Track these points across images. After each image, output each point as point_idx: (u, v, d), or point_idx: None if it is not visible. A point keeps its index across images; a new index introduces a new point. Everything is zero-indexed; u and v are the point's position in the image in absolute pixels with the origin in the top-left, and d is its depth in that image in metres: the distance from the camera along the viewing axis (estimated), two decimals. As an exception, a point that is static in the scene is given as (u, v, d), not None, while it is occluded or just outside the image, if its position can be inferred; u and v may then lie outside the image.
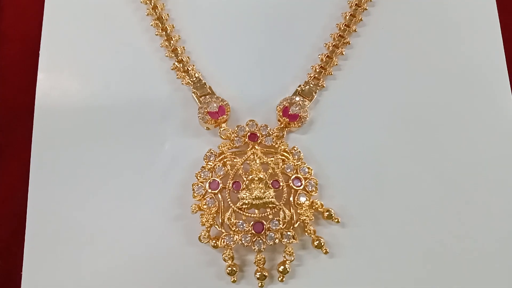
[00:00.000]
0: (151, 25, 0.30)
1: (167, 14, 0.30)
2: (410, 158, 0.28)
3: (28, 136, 0.29)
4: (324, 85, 0.29)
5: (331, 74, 0.29)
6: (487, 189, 0.27)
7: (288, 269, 0.26)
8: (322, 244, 0.26)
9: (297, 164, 0.27)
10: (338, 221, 0.26)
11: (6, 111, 0.31)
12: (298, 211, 0.26)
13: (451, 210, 0.27)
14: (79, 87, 0.30)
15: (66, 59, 0.30)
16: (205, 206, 0.26)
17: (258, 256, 0.25)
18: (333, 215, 0.26)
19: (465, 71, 0.29)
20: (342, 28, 0.30)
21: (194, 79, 0.29)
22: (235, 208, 0.26)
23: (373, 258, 0.27)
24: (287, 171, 0.27)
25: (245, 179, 0.26)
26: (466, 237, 0.27)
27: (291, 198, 0.26)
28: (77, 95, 0.30)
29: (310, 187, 0.26)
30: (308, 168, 0.27)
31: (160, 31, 0.30)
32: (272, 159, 0.27)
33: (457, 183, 0.27)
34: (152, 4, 0.30)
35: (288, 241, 0.25)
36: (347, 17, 0.30)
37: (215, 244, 0.26)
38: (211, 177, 0.27)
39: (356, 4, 0.30)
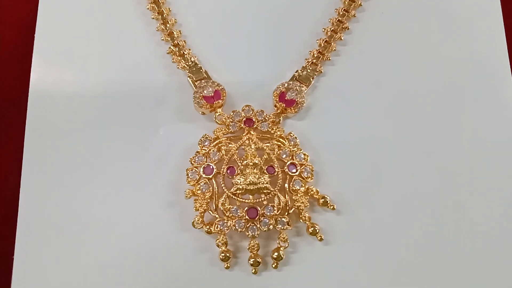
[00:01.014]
0: (147, 8, 0.30)
1: (164, -2, 0.30)
2: (407, 145, 0.27)
3: (22, 122, 0.29)
4: (322, 70, 0.29)
5: (329, 59, 0.29)
6: (485, 178, 0.27)
7: (282, 256, 0.25)
8: (317, 231, 0.26)
9: (292, 150, 0.26)
10: (333, 208, 0.26)
11: (0, 97, 0.31)
12: (293, 197, 0.26)
13: (448, 198, 0.27)
14: (74, 73, 0.29)
15: (61, 44, 0.30)
16: (199, 192, 0.26)
17: (252, 242, 0.25)
18: (328, 202, 0.26)
19: (467, 56, 0.29)
20: (341, 13, 0.29)
21: (190, 63, 0.29)
22: (229, 194, 0.25)
23: (368, 246, 0.26)
24: (283, 157, 0.26)
25: (240, 164, 0.26)
26: (462, 225, 0.26)
27: (286, 184, 0.26)
28: (72, 81, 0.29)
29: (305, 174, 0.26)
30: (304, 154, 0.26)
31: (157, 14, 0.30)
32: (267, 144, 0.26)
33: (454, 171, 0.27)
34: (149, -13, 0.30)
35: (282, 228, 0.25)
36: (346, 2, 0.29)
37: (208, 230, 0.25)
38: (206, 162, 0.26)
39: (355, -12, 0.30)
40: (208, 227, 0.25)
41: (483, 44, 0.29)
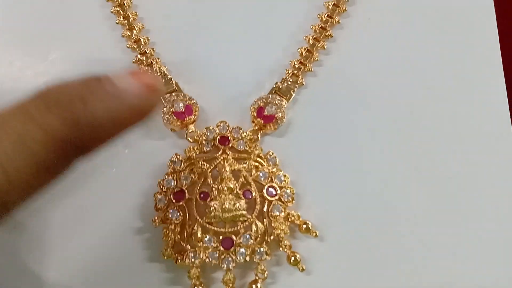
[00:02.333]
0: (112, 11, 0.27)
1: (130, 1, 0.27)
2: (395, 163, 0.25)
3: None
4: (303, 82, 0.26)
5: (311, 70, 0.26)
6: (481, 197, 0.25)
7: (260, 289, 0.23)
8: (299, 260, 0.23)
9: (272, 171, 0.24)
10: (316, 235, 0.24)
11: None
12: (272, 224, 0.23)
13: (441, 219, 0.25)
14: (31, 81, 0.27)
15: (16, 49, 0.27)
16: (168, 219, 0.23)
17: (227, 275, 0.23)
18: (310, 228, 0.24)
19: (459, 66, 0.27)
20: (324, 19, 0.27)
21: (159, 74, 0.26)
22: (202, 222, 0.23)
23: (354, 274, 0.24)
24: (261, 179, 0.24)
25: (214, 188, 0.23)
26: (455, 250, 0.25)
27: (265, 209, 0.24)
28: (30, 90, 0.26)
29: (285, 197, 0.24)
30: (284, 176, 0.24)
31: (122, 19, 0.27)
32: (244, 165, 0.24)
33: (446, 189, 0.25)
34: (113, -12, 0.27)
35: (260, 258, 0.23)
36: (330, 7, 0.27)
37: (179, 262, 0.23)
38: (176, 185, 0.24)
39: (339, -8, 0.27)
40: (178, 257, 0.23)
41: (478, 55, 0.27)
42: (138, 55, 0.26)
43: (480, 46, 0.27)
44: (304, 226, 0.24)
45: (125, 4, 0.27)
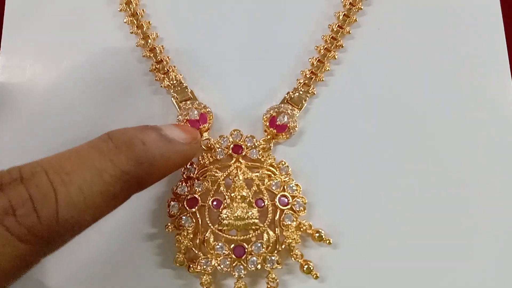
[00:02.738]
0: (125, 22, 0.27)
1: (143, 10, 0.28)
2: (408, 172, 0.26)
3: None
4: (315, 92, 0.27)
5: (323, 80, 0.27)
6: (495, 203, 0.25)
7: (272, 298, 0.23)
8: (311, 268, 0.24)
9: (284, 181, 0.24)
10: (329, 243, 0.24)
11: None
12: (284, 233, 0.24)
13: (455, 226, 0.25)
14: (48, 89, 0.27)
15: (28, 61, 0.27)
16: (181, 226, 0.23)
17: (238, 283, 0.23)
18: (323, 236, 0.24)
19: (467, 75, 0.27)
20: (335, 30, 0.27)
21: (175, 82, 0.26)
22: (214, 229, 0.23)
23: (368, 280, 0.24)
24: (273, 188, 0.24)
25: (226, 196, 0.24)
26: (468, 256, 0.25)
27: (276, 218, 0.24)
28: (46, 97, 0.27)
29: (297, 207, 0.24)
30: (297, 185, 0.24)
31: (136, 29, 0.27)
32: (257, 174, 0.24)
33: (459, 196, 0.25)
34: (126, -2, 0.27)
35: (271, 267, 0.23)
36: (341, 17, 0.27)
37: (191, 269, 0.23)
38: (189, 192, 0.24)
39: (350, 3, 0.28)
40: (190, 265, 0.23)
41: (485, 63, 0.27)
42: (154, 64, 0.27)
43: (489, 56, 0.27)
44: (317, 234, 0.24)
45: (138, 14, 0.27)
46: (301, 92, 0.26)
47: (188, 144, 0.20)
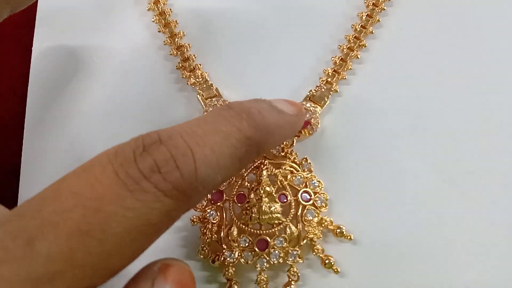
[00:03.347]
0: (153, 21, 0.28)
1: (170, 9, 0.28)
2: (429, 169, 0.26)
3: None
4: (338, 90, 0.27)
5: (345, 78, 0.27)
6: None
7: (293, 292, 0.24)
8: (332, 263, 0.24)
9: (306, 177, 0.25)
10: (350, 238, 0.24)
11: None
12: (306, 228, 0.24)
13: (478, 224, 0.25)
14: (73, 91, 0.28)
15: (58, 61, 0.28)
16: (205, 219, 0.24)
17: (260, 275, 0.24)
18: (344, 232, 0.24)
19: (493, 74, 0.27)
20: (358, 29, 0.28)
21: (201, 79, 0.27)
22: (238, 223, 0.24)
23: (388, 276, 0.25)
24: (295, 184, 0.25)
25: (251, 191, 0.24)
26: (495, 254, 0.25)
27: (299, 214, 0.24)
28: (71, 100, 0.28)
29: (319, 203, 0.25)
30: (319, 181, 0.25)
31: (163, 28, 0.28)
32: (280, 170, 0.25)
33: (482, 196, 0.25)
34: (154, -3, 0.28)
35: (293, 261, 0.24)
36: (364, 18, 0.28)
37: (214, 261, 0.24)
38: (214, 187, 0.25)
39: (373, 3, 0.28)
40: (214, 256, 0.24)
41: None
42: (181, 61, 0.27)
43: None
44: (338, 230, 0.24)
45: (166, 13, 0.28)
46: (323, 90, 0.27)
47: (296, 116, 0.22)
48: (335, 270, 0.24)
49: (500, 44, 0.27)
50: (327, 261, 0.24)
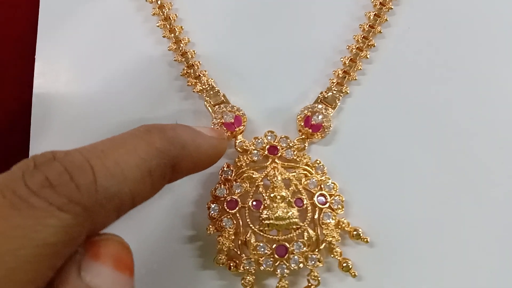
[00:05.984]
0: (158, 26, 0.28)
1: (175, 15, 0.28)
2: (442, 169, 0.26)
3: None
4: (348, 91, 0.27)
5: (355, 79, 0.27)
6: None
7: (314, 295, 0.23)
8: (350, 266, 0.24)
9: (321, 180, 0.25)
10: (367, 241, 0.24)
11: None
12: (323, 231, 0.24)
13: (493, 226, 0.25)
14: (77, 96, 0.27)
15: (62, 67, 0.28)
16: (221, 228, 0.24)
17: (281, 282, 0.23)
18: (361, 234, 0.24)
19: (503, 75, 0.27)
20: (366, 29, 0.27)
21: (207, 86, 0.27)
22: (255, 230, 0.24)
23: (405, 279, 0.25)
24: (310, 187, 0.24)
25: (265, 197, 0.24)
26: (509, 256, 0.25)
27: (316, 217, 0.24)
28: (75, 105, 0.27)
29: (335, 205, 0.24)
30: (334, 183, 0.25)
31: (168, 33, 0.27)
32: (294, 174, 0.24)
33: (495, 197, 0.25)
34: (159, 2, 0.28)
35: (313, 265, 0.23)
36: (371, 17, 0.28)
37: (233, 269, 0.23)
38: (229, 194, 0.24)
39: (380, 3, 0.28)
40: (232, 264, 0.24)
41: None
42: (185, 68, 0.27)
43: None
44: (355, 232, 0.24)
45: (171, 18, 0.28)
46: (334, 92, 0.26)
47: (215, 139, 0.21)
48: (353, 274, 0.24)
49: (509, 43, 0.27)
50: (344, 264, 0.24)
